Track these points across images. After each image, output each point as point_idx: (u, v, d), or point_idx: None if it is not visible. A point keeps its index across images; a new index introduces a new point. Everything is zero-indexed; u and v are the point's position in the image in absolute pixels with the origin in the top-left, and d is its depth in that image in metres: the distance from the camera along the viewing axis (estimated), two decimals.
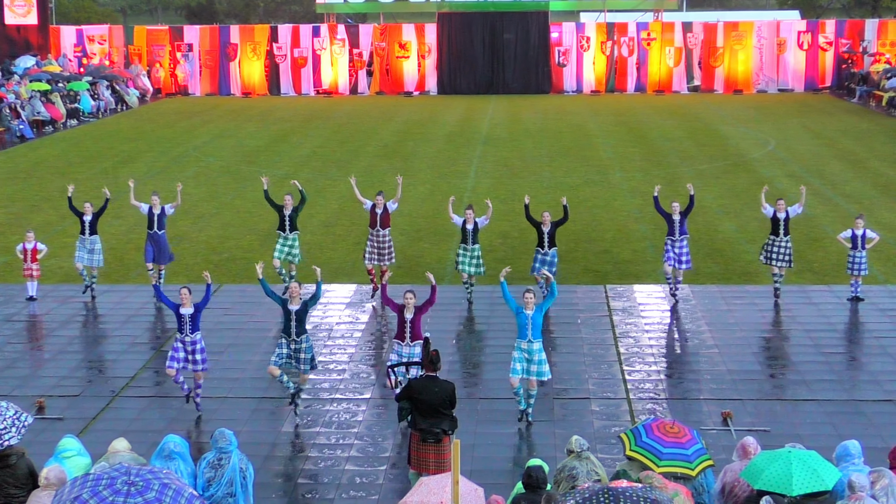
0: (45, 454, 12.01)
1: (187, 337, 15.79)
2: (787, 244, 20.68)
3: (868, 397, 16.43)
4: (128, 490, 8.43)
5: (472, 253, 20.74)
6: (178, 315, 15.83)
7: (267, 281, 16.37)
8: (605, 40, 58.62)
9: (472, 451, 14.45)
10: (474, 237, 20.74)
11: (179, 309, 15.79)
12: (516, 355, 15.27)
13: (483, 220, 20.88)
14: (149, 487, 8.51)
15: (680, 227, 20.79)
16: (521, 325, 15.25)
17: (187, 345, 15.81)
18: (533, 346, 15.21)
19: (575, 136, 43.13)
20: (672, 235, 20.82)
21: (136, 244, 25.54)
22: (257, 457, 14.10)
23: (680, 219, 20.80)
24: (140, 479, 8.58)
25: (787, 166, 35.37)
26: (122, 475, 8.60)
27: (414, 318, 15.51)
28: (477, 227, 20.77)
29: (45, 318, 20.75)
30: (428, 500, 9.76)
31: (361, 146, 41.05)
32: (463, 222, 20.77)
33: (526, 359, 15.19)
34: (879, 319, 20.00)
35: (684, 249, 20.85)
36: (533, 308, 15.25)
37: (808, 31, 58.71)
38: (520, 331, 15.30)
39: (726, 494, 11.17)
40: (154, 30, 63.02)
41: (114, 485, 8.48)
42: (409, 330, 15.50)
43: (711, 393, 16.65)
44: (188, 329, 15.78)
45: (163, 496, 8.50)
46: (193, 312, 15.80)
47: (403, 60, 59.45)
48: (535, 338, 15.21)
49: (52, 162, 38.29)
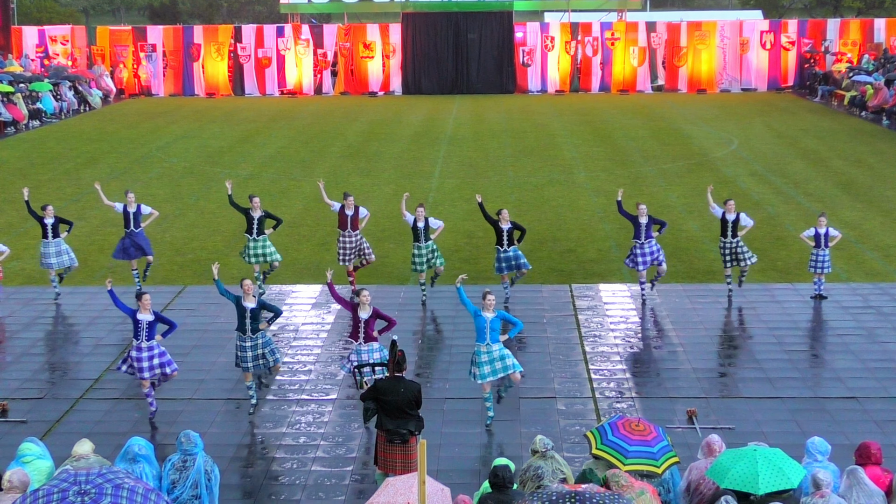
0: (8, 458, 11.93)
1: (143, 343, 15.47)
2: (738, 244, 20.74)
3: (831, 394, 16.53)
4: (82, 500, 8.32)
5: (426, 250, 20.69)
6: (136, 321, 15.46)
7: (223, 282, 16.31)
8: (569, 40, 58.79)
9: (439, 452, 14.45)
10: (426, 234, 20.70)
11: (137, 315, 15.47)
12: (477, 359, 15.17)
13: (436, 222, 20.84)
14: (102, 493, 8.39)
15: (647, 230, 20.63)
16: (480, 328, 15.15)
17: (143, 351, 15.46)
18: (492, 348, 15.16)
19: (539, 135, 43.22)
20: (638, 238, 20.68)
21: (99, 245, 25.39)
22: (223, 458, 14.05)
23: (647, 222, 20.64)
24: (92, 487, 8.45)
25: (750, 165, 35.57)
26: (73, 485, 8.46)
27: (369, 318, 15.40)
28: (428, 225, 20.69)
29: (8, 320, 20.56)
30: (394, 500, 9.75)
31: (326, 146, 40.98)
32: (414, 220, 20.73)
33: (490, 360, 15.15)
34: (842, 317, 20.14)
35: (655, 247, 20.72)
36: (492, 311, 15.19)
37: (771, 31, 59.10)
38: (478, 334, 15.20)
39: (692, 493, 11.20)
40: (117, 30, 62.65)
41: (66, 498, 8.36)
42: (362, 329, 15.39)
43: (676, 391, 16.71)
44: (144, 336, 15.45)
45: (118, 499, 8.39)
46: (152, 320, 15.49)
47: (368, 60, 59.39)
48: (493, 341, 15.17)
49: (14, 163, 37.99)
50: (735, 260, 20.87)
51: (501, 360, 15.16)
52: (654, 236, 20.71)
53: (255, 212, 21.03)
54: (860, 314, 20.25)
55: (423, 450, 8.96)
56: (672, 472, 11.43)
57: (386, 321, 15.46)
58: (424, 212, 20.82)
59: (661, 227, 20.86)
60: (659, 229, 20.78)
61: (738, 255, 20.83)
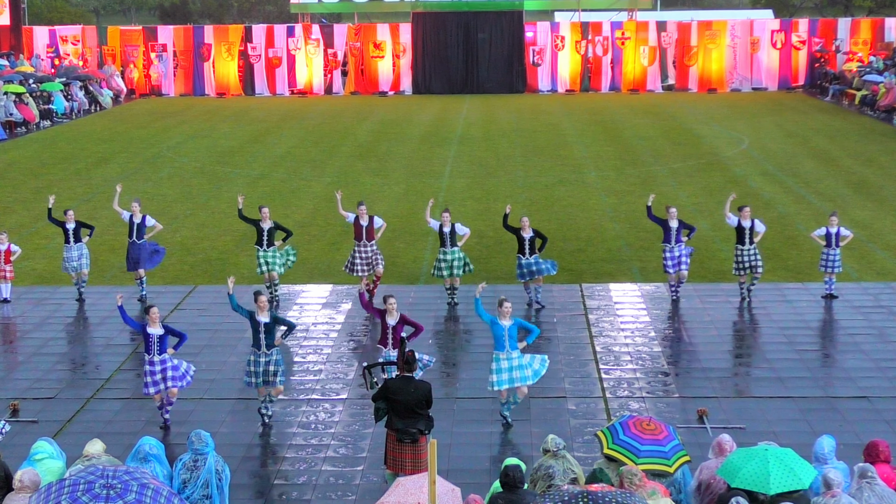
0: (20, 457, 11.95)
1: (155, 357, 15.34)
2: (755, 252, 20.64)
3: (842, 394, 16.50)
4: (107, 494, 8.37)
5: (452, 256, 20.62)
6: (146, 335, 15.36)
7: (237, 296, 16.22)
8: (579, 39, 58.73)
9: (449, 451, 14.45)
10: (452, 240, 20.62)
11: (147, 328, 15.36)
12: (495, 366, 15.15)
13: (462, 228, 20.76)
14: (128, 489, 8.45)
15: (677, 234, 20.65)
16: (498, 336, 15.12)
17: (156, 365, 15.33)
18: (511, 355, 15.15)
19: (549, 135, 43.18)
20: (668, 242, 20.67)
21: (109, 246, 25.43)
22: (233, 458, 14.06)
23: (678, 226, 20.66)
24: (118, 482, 8.52)
25: (760, 165, 35.50)
26: (100, 478, 8.53)
27: (397, 325, 15.45)
28: (454, 230, 20.66)
29: (19, 320, 20.62)
30: (405, 500, 9.75)
31: (336, 146, 41.00)
32: (440, 226, 20.67)
33: (509, 367, 15.11)
34: (853, 316, 20.10)
35: (684, 252, 20.71)
36: (509, 319, 15.15)
37: (782, 30, 58.97)
38: (496, 342, 15.17)
39: (702, 492, 11.19)
40: (127, 30, 62.75)
41: (92, 489, 8.42)
42: (391, 335, 15.45)
43: (687, 391, 16.69)
44: (156, 350, 15.32)
45: (143, 497, 8.44)
46: (163, 333, 15.37)
47: (378, 60, 59.39)
48: (512, 348, 15.15)
49: (25, 163, 38.06)
50: (750, 267, 20.69)
51: (520, 369, 15.14)
52: (683, 241, 20.72)
53: (265, 223, 20.70)
54: (871, 313, 20.21)
55: (433, 449, 8.96)
56: (683, 472, 11.42)
57: (413, 327, 15.51)
58: (450, 217, 20.74)
59: (690, 231, 20.92)
60: (688, 234, 20.80)
61: (754, 263, 20.64)
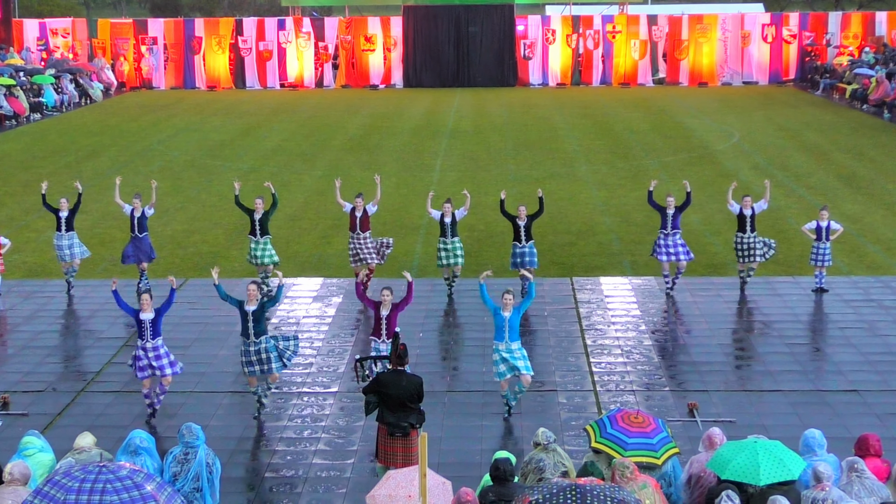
0: (10, 451, 11.93)
1: (148, 343, 15.33)
2: (755, 240, 20.71)
3: (832, 387, 16.53)
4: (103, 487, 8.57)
5: (452, 246, 20.67)
6: (138, 321, 15.36)
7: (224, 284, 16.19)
8: (570, 33, 58.72)
9: (440, 445, 14.45)
10: (453, 230, 20.67)
11: (139, 314, 15.34)
12: (497, 357, 15.21)
13: (461, 212, 20.86)
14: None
15: (673, 220, 20.73)
16: (499, 326, 15.17)
17: (148, 351, 15.34)
18: (511, 346, 15.17)
19: (540, 128, 43.18)
20: (665, 229, 20.79)
21: (100, 238, 25.39)
22: (224, 451, 14.04)
23: (674, 213, 20.74)
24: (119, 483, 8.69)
25: (751, 158, 35.55)
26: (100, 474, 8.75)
27: (390, 314, 15.47)
28: (455, 220, 20.72)
29: (9, 313, 20.58)
30: (396, 493, 9.76)
31: (327, 139, 40.95)
32: (441, 216, 20.70)
33: (508, 358, 15.14)
34: (843, 310, 20.14)
35: (679, 241, 20.81)
36: (511, 310, 15.18)
37: (772, 24, 59.01)
38: (497, 332, 15.22)
39: (693, 485, 11.22)
40: (118, 23, 62.58)
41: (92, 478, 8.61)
42: (385, 327, 15.46)
43: (677, 384, 16.72)
44: (149, 335, 15.33)
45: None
46: (154, 317, 15.36)
47: (369, 53, 59.33)
48: (511, 339, 15.17)
49: (16, 156, 37.97)
50: (750, 255, 20.74)
51: (522, 360, 15.17)
52: (679, 230, 20.77)
53: (257, 213, 20.82)
54: (861, 307, 20.25)
55: (424, 443, 8.97)
56: (673, 465, 11.45)
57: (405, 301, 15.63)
58: (451, 207, 20.77)
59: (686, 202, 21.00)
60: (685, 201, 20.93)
61: (754, 250, 20.70)
